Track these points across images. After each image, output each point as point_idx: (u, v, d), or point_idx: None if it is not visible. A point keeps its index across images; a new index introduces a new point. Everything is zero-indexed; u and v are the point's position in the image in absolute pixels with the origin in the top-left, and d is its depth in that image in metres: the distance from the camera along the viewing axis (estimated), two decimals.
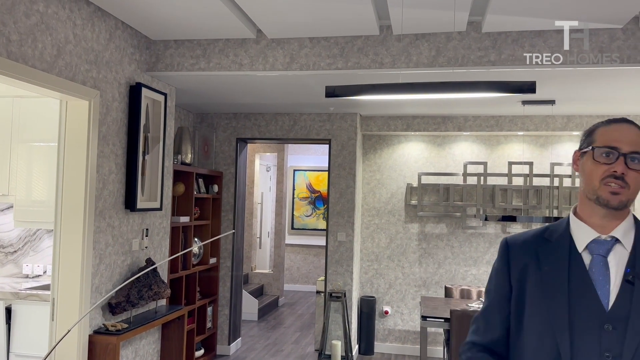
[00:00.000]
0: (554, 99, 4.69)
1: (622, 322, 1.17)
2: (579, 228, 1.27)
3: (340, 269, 5.62)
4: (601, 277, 1.21)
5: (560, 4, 2.81)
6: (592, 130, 1.28)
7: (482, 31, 3.25)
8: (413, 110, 5.56)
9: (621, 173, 1.19)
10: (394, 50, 3.43)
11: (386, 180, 6.20)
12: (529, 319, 1.25)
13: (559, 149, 5.89)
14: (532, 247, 1.31)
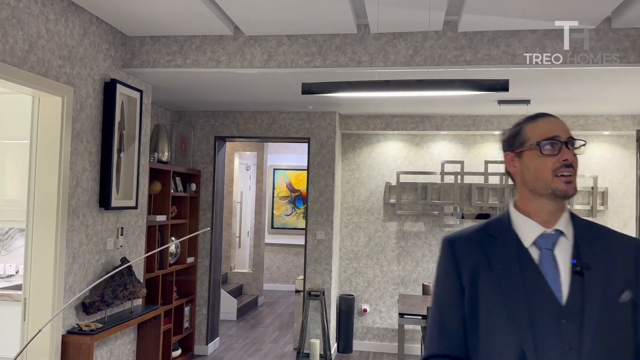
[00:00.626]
0: (529, 98, 4.76)
1: (578, 314, 1.17)
2: (524, 223, 1.26)
3: (319, 267, 5.62)
4: (552, 272, 1.21)
5: (534, 4, 2.86)
6: (518, 131, 1.29)
7: (458, 31, 3.28)
8: (392, 109, 5.59)
9: (571, 160, 1.22)
10: (372, 48, 3.44)
11: (365, 179, 6.22)
12: (487, 319, 1.22)
13: None
14: (479, 245, 1.28)
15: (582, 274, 1.20)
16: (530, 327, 1.17)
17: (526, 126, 1.28)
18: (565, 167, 1.22)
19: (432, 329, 1.32)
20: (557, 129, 1.25)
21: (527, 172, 1.26)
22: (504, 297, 1.20)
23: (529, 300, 1.19)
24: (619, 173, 5.76)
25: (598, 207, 5.75)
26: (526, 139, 1.26)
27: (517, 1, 2.82)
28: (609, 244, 1.26)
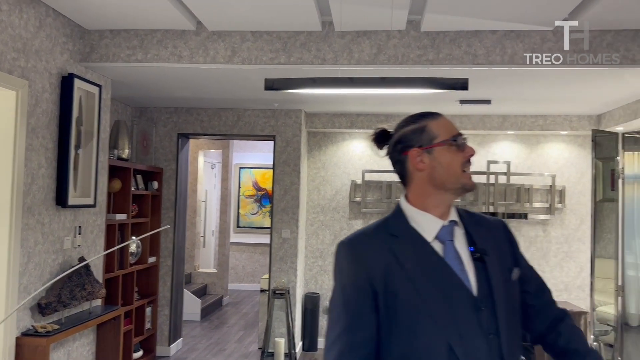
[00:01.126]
0: (490, 98, 4.85)
1: (489, 301, 1.21)
2: (422, 218, 1.27)
3: (285, 266, 5.60)
4: (457, 262, 1.23)
5: (493, 6, 2.91)
6: (422, 127, 1.28)
7: (421, 30, 3.32)
8: (357, 108, 5.62)
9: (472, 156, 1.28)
10: (336, 46, 3.44)
11: (331, 177, 6.23)
12: (409, 320, 1.18)
13: (495, 147, 6.10)
14: (385, 246, 1.24)
15: (482, 260, 1.24)
16: (453, 321, 1.17)
17: (431, 123, 1.29)
18: (468, 163, 1.27)
19: (342, 342, 1.20)
20: (455, 128, 1.29)
21: (439, 167, 1.26)
22: (422, 296, 1.18)
23: (445, 294, 1.19)
24: (576, 172, 5.94)
25: (556, 204, 5.91)
26: (435, 136, 1.27)
27: (477, 2, 2.87)
28: (488, 227, 1.33)
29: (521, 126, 5.78)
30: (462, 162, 1.26)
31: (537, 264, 6.09)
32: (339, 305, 1.24)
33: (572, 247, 5.96)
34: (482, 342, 1.18)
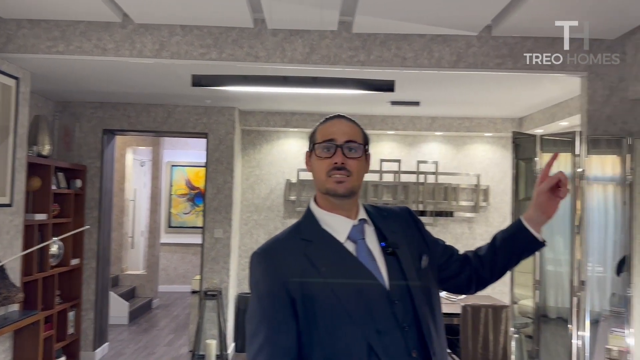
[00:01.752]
0: (419, 100, 5.00)
1: (403, 294, 1.24)
2: (333, 220, 1.29)
3: (217, 266, 5.51)
4: (371, 260, 1.26)
5: (421, 10, 2.99)
6: (314, 131, 1.34)
7: (352, 32, 3.36)
8: (292, 106, 5.61)
9: (341, 163, 1.26)
10: (269, 44, 3.41)
11: (265, 176, 6.19)
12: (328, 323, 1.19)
13: (424, 147, 6.29)
14: (299, 252, 1.25)
15: (395, 254, 1.28)
16: (370, 318, 1.20)
17: (319, 127, 1.33)
18: (336, 169, 1.26)
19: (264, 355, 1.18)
20: (337, 132, 1.29)
21: (312, 171, 1.33)
22: (339, 297, 1.20)
23: (361, 293, 1.21)
24: (500, 172, 6.24)
25: (481, 203, 6.18)
26: (314, 140, 1.32)
27: (405, 6, 2.94)
28: (395, 219, 1.37)
29: (449, 127, 5.99)
30: (327, 168, 1.27)
31: None
32: (257, 317, 1.23)
33: None
34: (399, 335, 1.21)
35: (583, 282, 3.22)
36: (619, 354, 3.09)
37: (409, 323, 1.22)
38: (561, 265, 3.48)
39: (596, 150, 3.27)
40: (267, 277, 1.24)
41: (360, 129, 1.34)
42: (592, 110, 3.31)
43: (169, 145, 8.96)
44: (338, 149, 1.27)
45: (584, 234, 3.24)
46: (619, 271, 3.23)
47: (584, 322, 3.21)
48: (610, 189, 3.29)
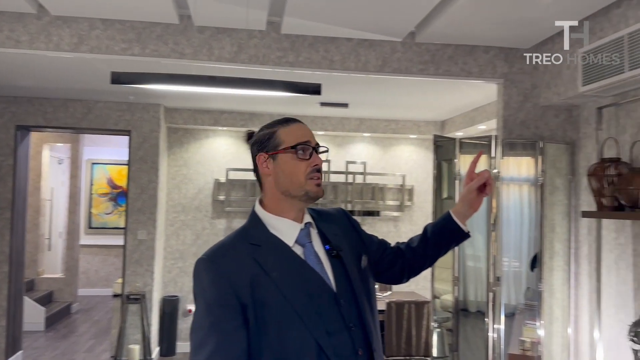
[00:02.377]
0: (347, 102, 5.08)
1: (348, 294, 1.28)
2: (281, 224, 1.29)
3: (140, 269, 5.33)
4: (318, 262, 1.29)
5: (348, 15, 3.04)
6: (271, 134, 1.30)
7: (281, 32, 3.36)
8: (220, 105, 5.53)
9: (320, 165, 1.30)
10: (196, 41, 3.34)
11: (193, 175, 6.06)
12: (279, 327, 1.19)
13: (353, 148, 6.41)
14: (249, 257, 1.23)
15: (339, 256, 1.31)
16: (320, 321, 1.22)
17: (280, 130, 1.30)
18: (316, 171, 1.29)
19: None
20: (308, 135, 1.31)
21: (282, 174, 1.29)
22: (290, 301, 1.20)
23: (311, 296, 1.23)
24: (423, 172, 6.46)
25: (406, 202, 6.38)
26: (281, 142, 1.29)
27: (333, 10, 2.98)
28: (334, 221, 1.41)
29: (376, 129, 6.14)
30: (306, 171, 1.28)
31: None
32: (204, 327, 1.18)
33: None
34: (346, 335, 1.24)
35: (498, 278, 3.40)
36: (531, 345, 3.29)
37: (354, 322, 1.26)
38: (480, 261, 3.65)
39: (511, 152, 3.47)
40: (216, 284, 1.20)
41: None
42: (507, 115, 3.50)
43: (89, 142, 8.54)
44: (313, 151, 1.30)
45: (499, 232, 3.42)
46: (532, 266, 3.44)
47: (499, 315, 3.39)
48: (525, 189, 3.49)
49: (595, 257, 3.10)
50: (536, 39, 3.38)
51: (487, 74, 3.51)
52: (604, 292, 3.07)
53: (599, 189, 2.79)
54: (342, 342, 1.23)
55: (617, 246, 2.98)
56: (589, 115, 3.31)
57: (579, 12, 2.90)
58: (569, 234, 3.42)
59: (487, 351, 3.43)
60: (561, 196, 3.43)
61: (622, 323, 2.88)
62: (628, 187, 2.53)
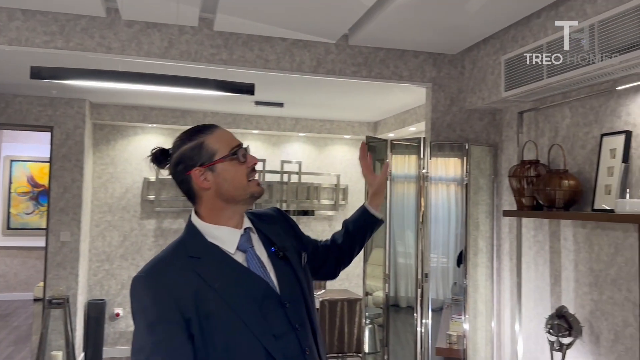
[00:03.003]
0: (282, 102, 5.08)
1: (294, 295, 1.29)
2: (221, 233, 1.26)
3: (64, 272, 5.07)
4: (261, 267, 1.28)
5: (282, 15, 3.04)
6: (200, 144, 1.26)
7: (214, 29, 3.30)
8: (150, 101, 5.36)
9: (256, 164, 1.32)
10: (124, 36, 3.22)
11: (121, 174, 5.84)
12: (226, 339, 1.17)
13: (288, 147, 6.41)
14: (189, 270, 1.19)
15: (286, 257, 1.32)
16: (267, 326, 1.21)
17: (207, 138, 1.27)
18: (253, 171, 1.30)
19: None
20: (234, 137, 1.31)
21: (225, 182, 1.25)
22: (236, 310, 1.19)
23: (257, 302, 1.22)
24: (357, 172, 6.57)
25: (340, 202, 6.47)
26: (214, 151, 1.25)
27: (267, 9, 2.96)
28: (272, 221, 1.41)
29: (311, 129, 6.17)
30: (246, 173, 1.28)
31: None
32: (147, 348, 1.13)
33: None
34: (293, 336, 1.24)
35: (427, 274, 3.52)
36: (457, 339, 3.43)
37: (300, 323, 1.27)
38: (411, 258, 3.76)
39: (440, 153, 3.60)
40: (157, 300, 1.15)
41: None
42: (435, 118, 3.63)
43: (8, 138, 8.03)
44: (246, 152, 1.30)
45: (427, 230, 3.54)
46: (458, 263, 3.59)
47: (427, 310, 3.51)
48: (452, 188, 3.64)
49: (516, 254, 3.28)
50: (463, 45, 3.52)
51: (417, 77, 3.62)
52: (524, 287, 3.25)
53: (519, 189, 2.95)
54: (290, 343, 1.23)
55: (535, 243, 3.17)
56: (510, 119, 3.49)
57: (502, 20, 3.05)
58: (492, 231, 3.59)
59: (416, 345, 3.55)
60: (485, 196, 3.60)
61: (540, 316, 3.06)
62: (546, 187, 2.69)
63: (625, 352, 2.48)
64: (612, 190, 2.46)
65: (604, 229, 2.63)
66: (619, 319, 2.52)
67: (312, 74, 3.47)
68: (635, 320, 2.42)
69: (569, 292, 2.87)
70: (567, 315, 2.66)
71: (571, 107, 2.89)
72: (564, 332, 2.63)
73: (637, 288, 2.39)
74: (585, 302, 2.75)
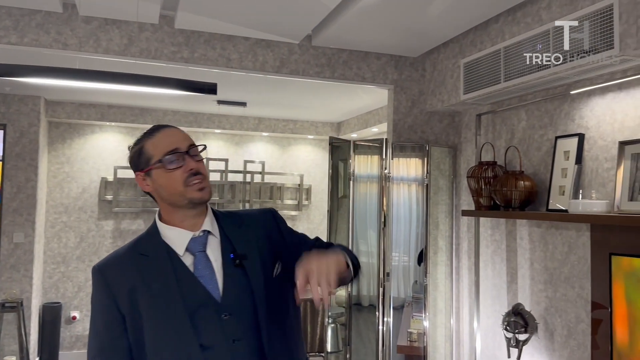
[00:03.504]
0: (245, 101, 5.04)
1: (236, 307, 1.22)
2: (173, 234, 1.27)
3: (17, 275, 4.89)
4: (208, 272, 1.24)
5: (245, 14, 3.02)
6: (140, 150, 1.27)
7: (175, 27, 3.25)
8: (108, 99, 5.23)
9: (196, 169, 1.25)
10: (81, 32, 3.13)
11: (77, 173, 5.68)
12: (154, 340, 1.19)
13: (251, 147, 6.37)
14: (133, 267, 1.23)
15: (243, 266, 1.25)
16: (195, 334, 1.18)
17: (147, 143, 1.27)
18: (193, 175, 1.24)
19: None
20: (177, 141, 1.26)
21: (160, 188, 1.26)
22: (167, 313, 1.18)
23: (190, 308, 1.19)
24: (320, 172, 6.60)
25: (303, 201, 6.47)
26: (150, 157, 1.25)
27: (229, 8, 2.94)
28: (250, 225, 1.34)
29: (274, 129, 6.15)
30: (183, 179, 1.24)
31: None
32: (92, 332, 1.25)
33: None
34: (225, 349, 1.19)
35: (388, 273, 3.57)
36: (417, 336, 3.49)
37: (241, 336, 1.21)
38: (373, 257, 3.80)
39: (401, 154, 3.65)
40: (100, 293, 1.24)
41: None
42: (397, 119, 3.68)
43: None
44: (186, 156, 1.25)
45: (389, 229, 3.59)
46: (419, 261, 3.65)
47: (389, 309, 3.56)
48: (413, 188, 3.70)
49: (474, 253, 3.36)
50: (424, 48, 3.58)
51: (379, 79, 3.66)
52: (481, 284, 3.33)
53: (477, 189, 3.03)
54: (218, 356, 1.19)
55: (493, 242, 3.26)
56: (469, 122, 3.57)
57: (462, 25, 3.12)
58: (451, 231, 3.67)
59: (378, 344, 3.59)
60: (444, 196, 3.68)
61: (497, 313, 3.15)
62: (502, 188, 2.77)
63: (578, 347, 2.58)
64: (566, 191, 2.55)
65: (558, 229, 2.73)
66: (572, 315, 2.62)
67: (276, 74, 3.46)
68: (587, 316, 2.52)
69: (525, 289, 2.96)
70: (523, 312, 2.75)
71: (527, 110, 2.98)
72: (520, 329, 2.71)
73: (589, 285, 2.49)
74: (540, 299, 2.84)
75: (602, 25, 2.20)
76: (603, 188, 2.43)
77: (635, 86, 2.31)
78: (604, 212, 2.27)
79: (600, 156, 2.46)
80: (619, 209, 2.24)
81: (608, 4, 2.18)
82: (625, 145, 2.28)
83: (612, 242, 2.31)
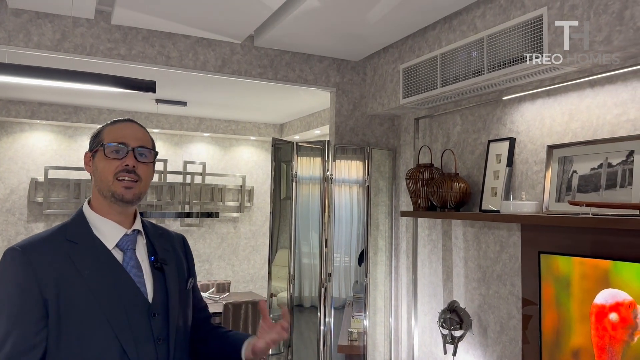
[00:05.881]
0: (185, 100, 4.95)
1: (163, 308, 1.27)
2: (103, 225, 1.27)
3: None
4: (136, 271, 1.27)
5: (186, 12, 2.97)
6: (99, 131, 1.32)
7: (112, 23, 3.14)
8: (39, 96, 4.98)
9: (132, 166, 1.26)
10: (10, 25, 2.97)
11: (5, 173, 5.37)
12: (81, 328, 1.17)
13: (192, 148, 6.25)
14: (61, 252, 1.20)
15: (162, 270, 1.31)
16: (128, 328, 1.20)
17: (106, 128, 1.31)
18: (126, 172, 1.26)
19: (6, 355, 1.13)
20: (130, 136, 1.29)
21: (96, 172, 1.29)
22: (99, 303, 1.18)
23: (122, 301, 1.22)
24: (263, 174, 6.57)
25: (245, 203, 6.42)
26: (101, 141, 1.29)
27: (168, 5, 2.88)
28: (168, 239, 1.42)
29: (216, 129, 6.07)
30: (115, 170, 1.25)
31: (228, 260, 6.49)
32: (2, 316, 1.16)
33: (258, 241, 6.56)
34: (152, 348, 1.23)
35: (330, 274, 3.60)
36: (357, 335, 3.54)
37: (163, 337, 1.26)
38: (315, 258, 3.83)
39: (343, 156, 3.70)
40: (19, 274, 1.17)
41: (150, 137, 1.34)
42: (339, 122, 3.73)
43: None
44: (130, 152, 1.27)
45: (330, 230, 3.62)
46: (360, 261, 3.70)
47: (330, 309, 3.59)
48: (354, 190, 3.75)
49: (412, 252, 3.46)
50: (365, 53, 3.65)
51: (322, 82, 3.69)
52: (419, 283, 3.43)
53: (415, 191, 3.12)
54: (147, 353, 1.22)
55: (430, 242, 3.36)
56: (408, 125, 3.67)
57: (401, 31, 3.21)
58: (391, 231, 3.75)
59: (319, 344, 3.62)
60: (384, 197, 3.76)
61: (434, 311, 3.25)
62: (439, 189, 2.86)
63: (509, 342, 2.70)
64: (498, 192, 2.68)
65: (491, 228, 2.85)
66: (504, 311, 2.74)
67: (217, 74, 3.42)
68: (518, 312, 2.64)
69: (460, 287, 3.07)
70: (458, 309, 2.85)
71: (462, 115, 3.10)
72: (455, 326, 2.81)
73: (520, 283, 2.62)
74: (474, 296, 2.96)
75: (533, 35, 2.33)
76: (532, 190, 2.56)
77: (562, 93, 2.45)
78: (534, 212, 2.39)
79: (530, 159, 2.60)
80: (547, 209, 2.37)
81: (537, 14, 2.30)
82: (553, 149, 2.42)
83: (541, 241, 2.45)
